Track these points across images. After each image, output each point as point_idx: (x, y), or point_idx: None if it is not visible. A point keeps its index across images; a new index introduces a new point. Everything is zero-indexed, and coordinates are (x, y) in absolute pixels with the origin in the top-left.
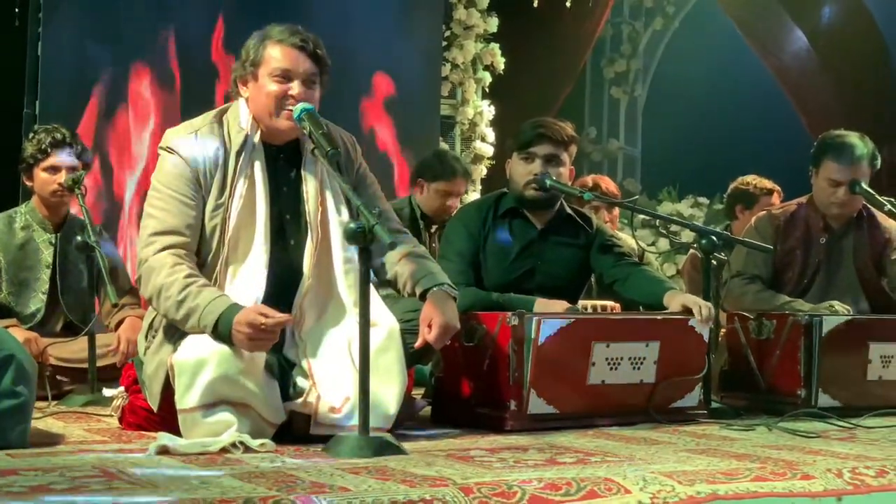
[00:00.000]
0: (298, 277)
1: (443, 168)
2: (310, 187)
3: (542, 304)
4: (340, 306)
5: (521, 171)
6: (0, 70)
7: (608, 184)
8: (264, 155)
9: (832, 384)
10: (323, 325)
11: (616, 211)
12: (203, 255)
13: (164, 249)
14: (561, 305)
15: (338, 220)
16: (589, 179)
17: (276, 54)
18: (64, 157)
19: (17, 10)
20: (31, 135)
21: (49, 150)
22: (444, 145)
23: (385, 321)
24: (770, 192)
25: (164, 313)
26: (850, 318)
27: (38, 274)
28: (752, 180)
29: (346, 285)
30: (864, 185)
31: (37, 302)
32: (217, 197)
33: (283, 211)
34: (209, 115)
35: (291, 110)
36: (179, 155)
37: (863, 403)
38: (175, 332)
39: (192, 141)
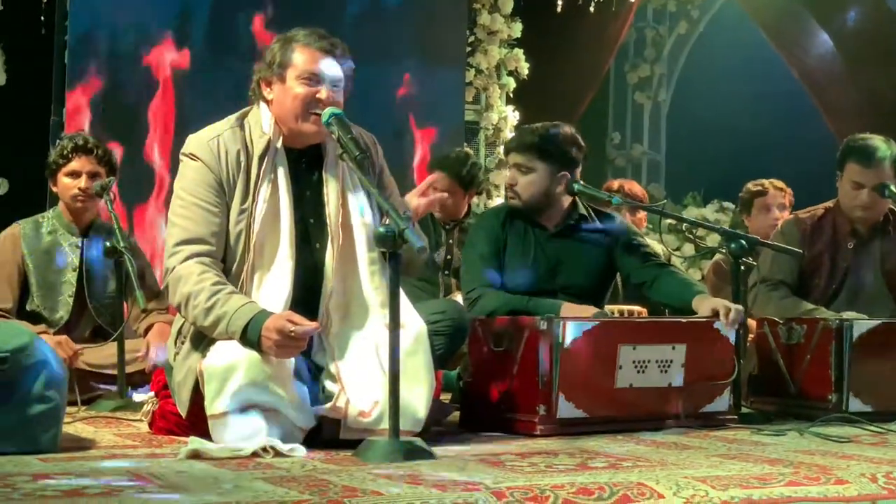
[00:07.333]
0: (324, 281)
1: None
2: (331, 190)
3: (568, 308)
4: (364, 307)
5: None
6: (27, 78)
7: (633, 187)
8: (287, 159)
9: (863, 389)
10: (349, 327)
11: (641, 214)
12: (229, 261)
13: (189, 258)
14: (588, 311)
15: (360, 221)
16: (615, 183)
17: (303, 57)
18: (84, 163)
19: (42, 17)
20: (57, 141)
21: (70, 155)
22: (469, 151)
23: (413, 323)
24: (763, 192)
25: (193, 321)
26: (880, 322)
27: (64, 278)
28: (750, 185)
29: (371, 286)
30: (894, 189)
31: (64, 306)
32: (241, 202)
33: (307, 215)
34: (231, 119)
35: (319, 114)
36: (202, 161)
37: (894, 408)
38: (204, 339)
39: (215, 146)
